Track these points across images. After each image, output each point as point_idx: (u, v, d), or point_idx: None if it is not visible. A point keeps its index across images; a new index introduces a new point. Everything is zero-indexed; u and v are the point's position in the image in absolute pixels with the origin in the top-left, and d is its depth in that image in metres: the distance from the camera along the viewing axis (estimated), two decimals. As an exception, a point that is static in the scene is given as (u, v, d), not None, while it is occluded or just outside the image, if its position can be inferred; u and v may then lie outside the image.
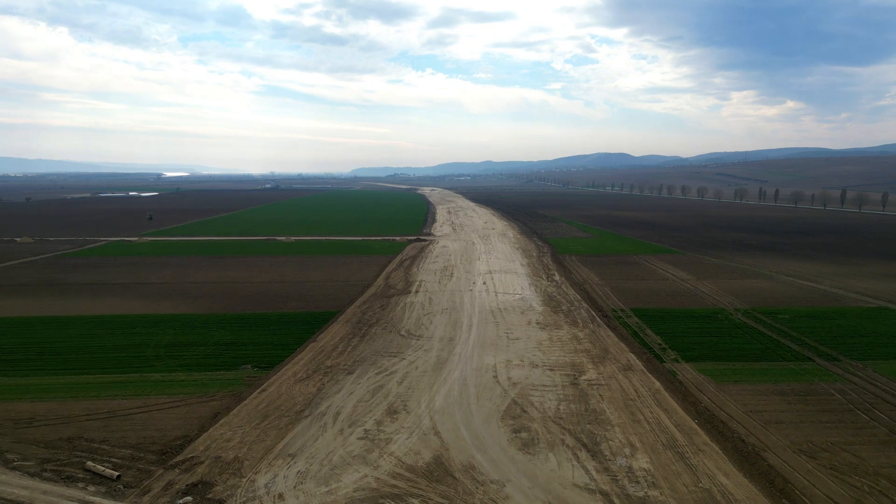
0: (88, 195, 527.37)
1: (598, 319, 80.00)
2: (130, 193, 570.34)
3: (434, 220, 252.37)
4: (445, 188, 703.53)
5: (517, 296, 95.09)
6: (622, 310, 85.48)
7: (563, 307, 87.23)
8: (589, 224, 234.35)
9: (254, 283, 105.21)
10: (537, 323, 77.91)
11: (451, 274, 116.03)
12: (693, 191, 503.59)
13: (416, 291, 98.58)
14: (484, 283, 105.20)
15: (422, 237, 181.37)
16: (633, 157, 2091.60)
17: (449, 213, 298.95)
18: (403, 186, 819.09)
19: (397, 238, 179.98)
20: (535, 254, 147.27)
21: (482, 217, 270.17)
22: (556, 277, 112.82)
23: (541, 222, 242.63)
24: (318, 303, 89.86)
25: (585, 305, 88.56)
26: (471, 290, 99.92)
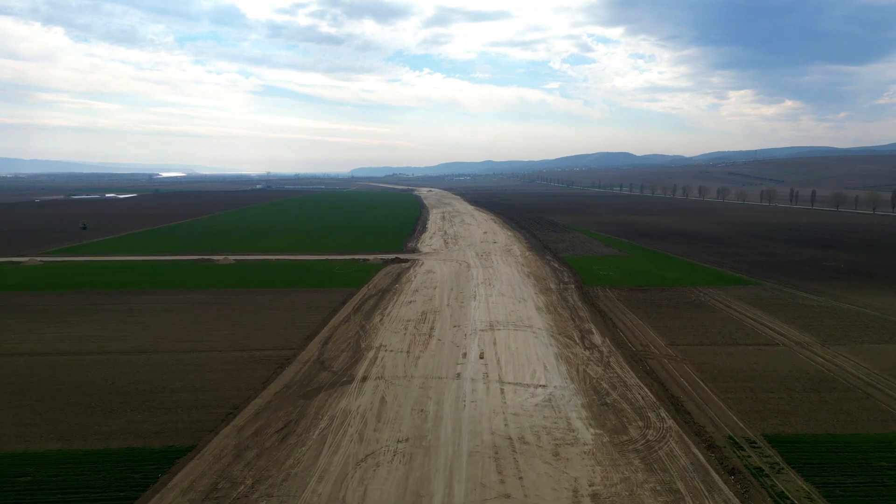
0: (61, 197, 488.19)
1: (719, 481, 38.26)
2: (107, 195, 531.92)
3: (424, 230, 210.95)
4: (444, 189, 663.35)
5: (539, 393, 53.34)
6: (748, 440, 43.81)
7: (634, 431, 45.49)
8: (610, 234, 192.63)
9: (96, 356, 63.38)
10: (593, 497, 36.20)
11: (431, 330, 74.41)
12: (712, 192, 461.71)
13: (364, 379, 56.90)
14: (481, 356, 63.48)
15: (402, 257, 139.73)
16: (635, 156, 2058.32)
17: (443, 219, 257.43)
18: (400, 187, 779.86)
19: (370, 257, 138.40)
20: (553, 285, 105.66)
21: (482, 224, 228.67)
22: (596, 338, 71.15)
23: (551, 232, 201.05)
24: (169, 417, 48.15)
25: (672, 423, 46.81)
26: (458, 373, 58.24)
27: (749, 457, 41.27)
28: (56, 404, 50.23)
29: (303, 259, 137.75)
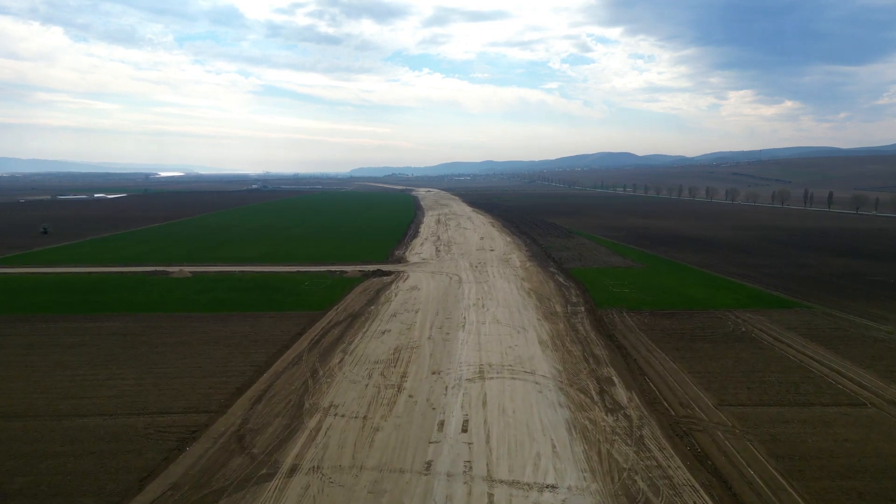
0: (48, 197, 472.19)
1: None
2: (96, 195, 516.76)
3: (416, 234, 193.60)
4: (443, 189, 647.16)
5: (547, 502, 35.85)
6: None
7: None
8: (619, 241, 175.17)
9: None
10: None
11: (402, 379, 56.93)
12: (720, 192, 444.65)
13: (291, 472, 39.32)
14: (464, 429, 45.93)
15: (385, 268, 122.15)
16: (636, 156, 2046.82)
17: (438, 222, 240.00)
18: (398, 187, 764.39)
19: (349, 269, 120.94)
20: (559, 307, 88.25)
21: (479, 228, 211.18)
22: (620, 393, 53.66)
23: (555, 237, 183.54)
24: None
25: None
26: (429, 462, 40.72)
27: None
28: None
29: (271, 271, 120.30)
